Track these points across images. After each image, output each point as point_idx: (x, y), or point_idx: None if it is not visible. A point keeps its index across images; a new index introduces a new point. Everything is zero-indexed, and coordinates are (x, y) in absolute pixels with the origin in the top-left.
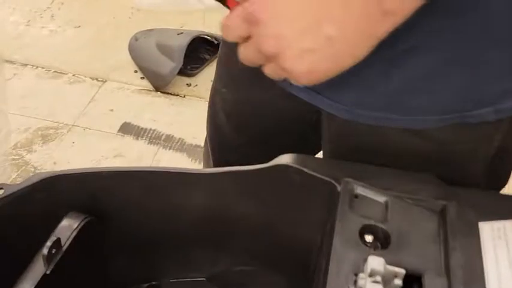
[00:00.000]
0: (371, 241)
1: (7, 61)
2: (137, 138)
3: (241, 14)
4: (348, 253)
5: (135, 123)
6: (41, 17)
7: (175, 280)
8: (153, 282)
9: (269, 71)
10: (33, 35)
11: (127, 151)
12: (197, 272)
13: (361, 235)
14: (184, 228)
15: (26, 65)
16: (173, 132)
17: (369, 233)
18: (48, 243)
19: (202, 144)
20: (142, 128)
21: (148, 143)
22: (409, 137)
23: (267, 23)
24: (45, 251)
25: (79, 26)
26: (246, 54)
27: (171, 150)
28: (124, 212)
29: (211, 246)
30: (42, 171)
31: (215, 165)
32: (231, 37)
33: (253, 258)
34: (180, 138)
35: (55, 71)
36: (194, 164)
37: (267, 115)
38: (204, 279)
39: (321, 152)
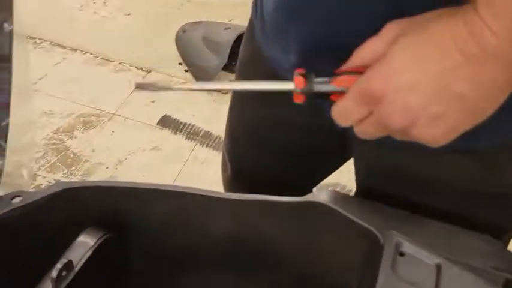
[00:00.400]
0: None
1: (58, 45)
2: (175, 133)
3: (357, 96)
4: None
5: (174, 117)
6: (94, 3)
7: None
8: None
9: (402, 138)
10: (85, 20)
11: (164, 144)
12: None
13: None
14: (206, 251)
15: (75, 50)
16: (212, 129)
17: None
18: (58, 266)
19: None
20: (181, 122)
21: (186, 138)
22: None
23: (391, 99)
24: (54, 273)
25: (129, 14)
26: (365, 131)
27: (208, 148)
28: (146, 229)
29: (233, 272)
30: (81, 157)
31: (233, 175)
32: (347, 122)
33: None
34: (218, 136)
35: (102, 58)
36: None
37: (286, 131)
38: None
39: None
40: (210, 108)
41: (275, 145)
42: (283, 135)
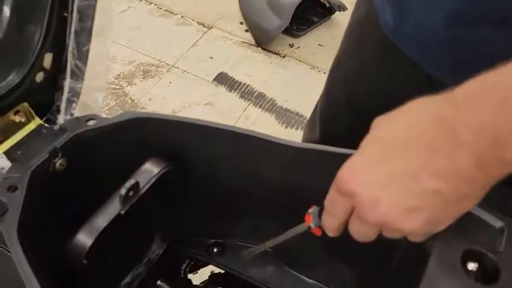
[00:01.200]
0: (474, 270)
1: None
2: (230, 90)
3: (335, 190)
4: (443, 280)
5: (231, 75)
6: None
7: (241, 243)
8: (219, 240)
9: (388, 235)
10: None
11: (218, 101)
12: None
13: (464, 261)
14: (259, 194)
15: None
16: (266, 91)
17: (474, 260)
18: (127, 185)
19: (293, 108)
20: (237, 81)
21: (240, 97)
22: None
23: (360, 193)
24: (123, 191)
25: None
26: (356, 230)
27: (260, 109)
28: (205, 167)
29: (283, 220)
30: (138, 104)
31: (322, 137)
32: (336, 216)
33: (324, 244)
34: (271, 99)
35: (166, 10)
36: (281, 128)
37: (390, 99)
38: (271, 250)
39: None
40: (267, 71)
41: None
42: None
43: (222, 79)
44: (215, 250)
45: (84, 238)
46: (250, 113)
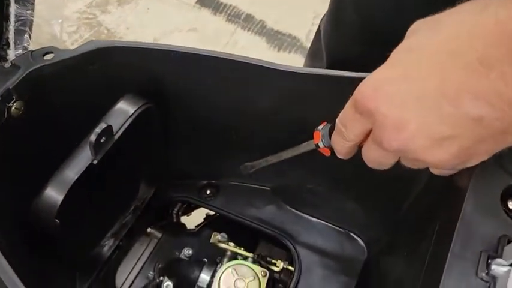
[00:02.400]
0: None
1: None
2: (215, 14)
3: (352, 104)
4: (481, 221)
5: None
6: None
7: (236, 183)
8: (212, 182)
9: (408, 165)
10: None
11: (203, 26)
12: (261, 181)
13: (504, 199)
14: (252, 130)
15: None
16: (254, 12)
17: None
18: (97, 130)
19: (284, 30)
20: (221, 3)
21: (226, 21)
22: None
23: (381, 113)
24: (93, 138)
25: None
26: (371, 156)
27: (249, 32)
28: (189, 101)
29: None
30: (115, 34)
31: (328, 63)
32: (349, 134)
33: (330, 179)
34: (261, 20)
35: None
36: (273, 52)
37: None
38: (269, 188)
39: None
40: None
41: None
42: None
43: (205, 1)
44: (208, 192)
45: (53, 193)
46: (238, 37)
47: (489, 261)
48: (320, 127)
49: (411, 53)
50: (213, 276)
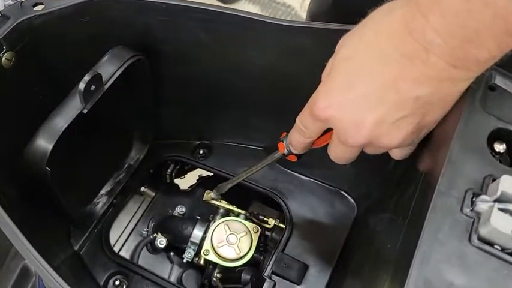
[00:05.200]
0: (502, 152)
1: None
2: None
3: (309, 114)
4: (468, 162)
5: None
6: None
7: (228, 143)
8: (205, 142)
9: (372, 152)
10: None
11: None
12: (254, 141)
13: (491, 141)
14: (246, 87)
15: None
16: None
17: (502, 140)
18: (86, 78)
19: None
20: None
21: None
22: None
23: (338, 118)
24: (81, 86)
25: None
26: (338, 155)
27: (243, 1)
28: (180, 56)
29: (273, 116)
30: None
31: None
32: (308, 134)
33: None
34: None
35: None
36: None
37: None
38: (262, 148)
39: None
40: None
41: None
42: None
43: None
44: (201, 152)
45: (43, 142)
46: (232, 6)
47: (474, 198)
48: (282, 138)
49: (347, 62)
50: (205, 232)
